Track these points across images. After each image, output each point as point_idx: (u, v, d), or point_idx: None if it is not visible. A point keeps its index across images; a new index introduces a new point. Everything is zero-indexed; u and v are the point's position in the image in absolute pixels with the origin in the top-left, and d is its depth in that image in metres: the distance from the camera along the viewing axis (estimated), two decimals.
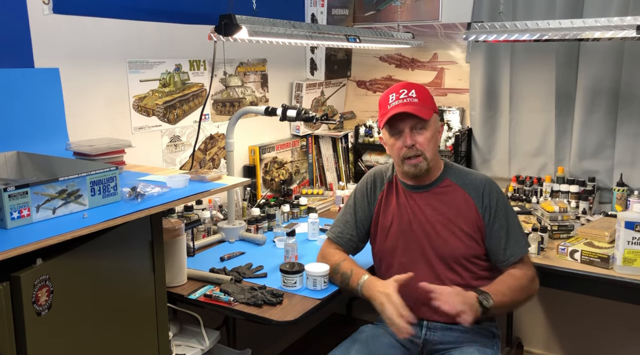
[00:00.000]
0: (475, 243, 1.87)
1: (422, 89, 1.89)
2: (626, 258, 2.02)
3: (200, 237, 2.37)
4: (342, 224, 2.02)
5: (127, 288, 1.49)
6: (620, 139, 2.62)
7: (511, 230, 1.87)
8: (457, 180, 1.92)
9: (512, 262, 1.85)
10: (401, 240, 1.92)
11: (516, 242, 1.86)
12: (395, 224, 1.94)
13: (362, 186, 2.04)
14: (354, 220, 2.00)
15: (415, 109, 1.81)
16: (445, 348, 1.87)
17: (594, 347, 2.87)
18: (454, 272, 1.87)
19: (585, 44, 2.62)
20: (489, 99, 2.89)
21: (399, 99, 1.84)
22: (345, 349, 1.85)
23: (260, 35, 2.02)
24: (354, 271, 1.85)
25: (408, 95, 1.84)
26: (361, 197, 2.02)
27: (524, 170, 2.89)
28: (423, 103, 1.84)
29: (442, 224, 1.88)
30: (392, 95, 1.86)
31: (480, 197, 1.88)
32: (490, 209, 1.87)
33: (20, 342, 1.17)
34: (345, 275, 1.86)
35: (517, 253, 1.85)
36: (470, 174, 1.94)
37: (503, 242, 1.86)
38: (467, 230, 1.86)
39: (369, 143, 3.08)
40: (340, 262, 1.91)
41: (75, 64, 2.00)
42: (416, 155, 1.84)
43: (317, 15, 3.06)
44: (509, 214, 1.89)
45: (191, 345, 1.88)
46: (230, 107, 2.70)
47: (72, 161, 1.64)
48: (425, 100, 1.85)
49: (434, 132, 1.88)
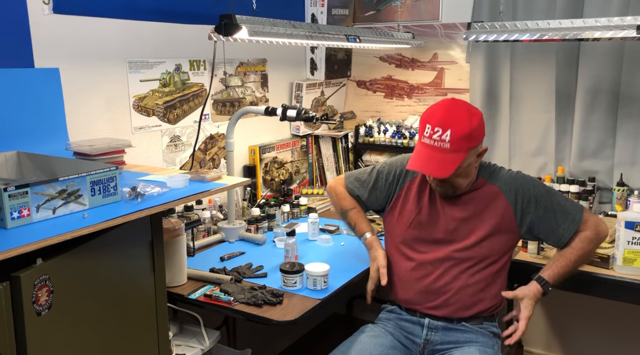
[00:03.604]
0: (495, 242, 1.88)
1: (461, 126, 1.73)
2: (626, 258, 2.02)
3: (200, 237, 2.37)
4: (360, 184, 2.10)
5: (127, 288, 1.49)
6: (620, 139, 2.61)
7: (557, 209, 1.88)
8: (490, 178, 1.93)
9: (567, 239, 1.88)
10: (425, 231, 1.93)
11: (566, 218, 1.87)
12: (424, 214, 1.94)
13: (394, 164, 2.05)
14: (370, 187, 2.06)
15: (437, 164, 1.74)
16: (446, 348, 1.87)
17: (594, 347, 2.87)
18: (464, 271, 1.87)
19: (585, 44, 2.62)
20: (489, 99, 2.89)
21: (430, 138, 1.75)
22: (346, 349, 1.85)
23: (260, 35, 2.02)
24: (357, 225, 2.05)
25: (441, 137, 1.73)
26: (387, 172, 2.04)
27: (524, 170, 2.80)
28: (455, 145, 1.72)
29: (471, 223, 1.89)
30: (428, 128, 1.76)
31: (514, 192, 1.88)
32: (530, 198, 1.88)
33: (20, 342, 1.17)
34: (350, 224, 2.09)
35: (570, 228, 1.87)
36: (501, 170, 1.96)
37: (555, 223, 1.88)
38: (496, 227, 1.87)
39: (369, 143, 3.08)
40: (349, 209, 2.08)
41: (75, 64, 2.00)
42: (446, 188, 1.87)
43: (317, 15, 3.06)
44: (550, 193, 1.90)
45: (191, 345, 1.88)
46: (230, 107, 2.70)
47: (72, 161, 1.64)
48: (459, 140, 1.72)
49: (466, 168, 1.81)
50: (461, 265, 1.87)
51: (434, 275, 1.88)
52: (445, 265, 1.88)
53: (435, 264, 1.89)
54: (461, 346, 1.85)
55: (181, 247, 1.95)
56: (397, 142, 2.96)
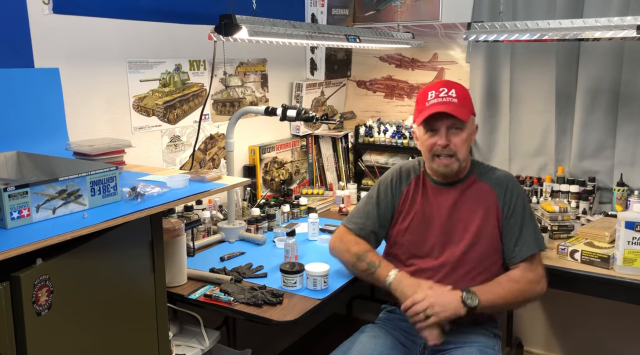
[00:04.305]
0: (496, 239, 1.88)
1: (462, 89, 1.88)
2: (626, 258, 2.02)
3: (200, 237, 2.37)
4: (365, 216, 2.00)
5: (127, 288, 1.49)
6: (620, 139, 2.61)
7: (525, 228, 1.88)
8: (482, 176, 1.94)
9: (518, 259, 1.86)
10: (421, 235, 1.93)
11: (526, 241, 1.87)
12: (417, 217, 1.94)
13: (387, 179, 2.04)
14: (377, 213, 1.99)
15: (454, 109, 1.81)
16: (446, 348, 1.87)
17: (594, 347, 2.87)
18: (467, 272, 1.87)
19: (585, 44, 2.62)
20: (489, 99, 2.89)
21: (438, 97, 1.84)
22: (346, 349, 1.85)
23: (260, 35, 2.02)
24: (382, 263, 1.88)
25: (448, 94, 1.83)
26: (384, 190, 2.02)
27: (524, 170, 2.88)
28: (462, 103, 1.84)
29: (466, 221, 1.89)
30: (432, 93, 1.85)
31: (503, 192, 1.90)
32: (510, 204, 1.89)
33: (20, 342, 1.17)
34: (372, 264, 1.88)
35: (524, 251, 1.86)
36: (494, 170, 1.97)
37: (514, 239, 1.87)
38: (490, 227, 1.88)
39: (369, 143, 3.08)
40: (367, 252, 1.92)
41: (75, 64, 2.00)
42: (449, 155, 1.85)
43: (317, 15, 3.06)
44: (526, 212, 1.90)
45: (191, 345, 1.88)
46: (230, 107, 2.70)
47: (72, 161, 1.64)
48: (464, 100, 1.86)
49: (470, 133, 1.88)
50: (459, 270, 1.87)
51: (434, 280, 1.86)
52: (444, 270, 1.88)
53: (435, 270, 1.89)
54: (461, 346, 1.85)
55: (181, 247, 1.95)
56: (397, 142, 2.96)
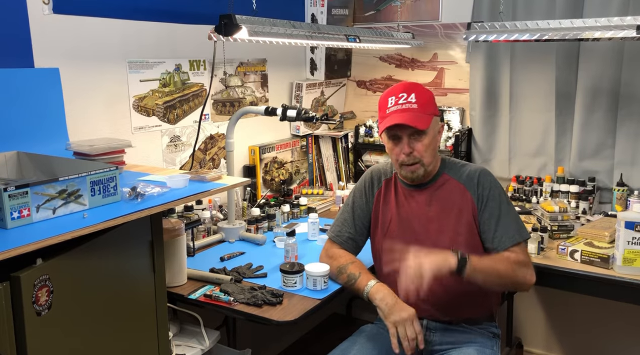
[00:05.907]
0: (474, 236, 1.86)
1: (423, 91, 1.85)
2: (626, 258, 2.02)
3: (200, 237, 2.37)
4: (341, 223, 2.02)
5: (127, 288, 1.49)
6: (620, 139, 2.62)
7: (502, 219, 1.83)
8: (454, 174, 1.91)
9: (500, 250, 1.82)
10: (400, 238, 1.91)
11: (505, 232, 1.82)
12: (394, 221, 1.94)
13: (361, 184, 2.04)
14: (352, 218, 2.00)
15: (413, 117, 1.78)
16: (445, 348, 1.87)
17: (594, 347, 2.87)
18: None
19: (585, 44, 2.62)
20: (489, 99, 2.89)
21: (397, 104, 1.81)
22: (346, 349, 1.85)
23: (260, 35, 2.02)
24: (362, 275, 1.85)
25: (407, 100, 1.80)
26: (359, 196, 2.02)
27: (524, 170, 2.89)
28: (423, 108, 1.80)
29: (441, 221, 1.88)
30: (392, 99, 1.83)
31: (474, 187, 1.87)
32: (482, 197, 1.85)
33: (20, 342, 1.17)
34: (352, 276, 1.86)
35: (505, 242, 1.81)
36: (465, 166, 1.93)
37: (492, 231, 1.83)
38: (466, 224, 1.86)
39: (369, 143, 3.08)
40: (348, 264, 1.91)
41: (75, 64, 2.00)
42: (414, 163, 1.83)
43: (317, 15, 3.06)
44: (502, 202, 1.85)
45: (191, 345, 1.88)
46: (230, 107, 2.70)
47: (72, 161, 1.64)
48: (425, 104, 1.81)
49: (433, 136, 1.85)
50: None
51: None
52: None
53: None
54: (460, 346, 1.85)
55: (181, 247, 1.95)
56: None
